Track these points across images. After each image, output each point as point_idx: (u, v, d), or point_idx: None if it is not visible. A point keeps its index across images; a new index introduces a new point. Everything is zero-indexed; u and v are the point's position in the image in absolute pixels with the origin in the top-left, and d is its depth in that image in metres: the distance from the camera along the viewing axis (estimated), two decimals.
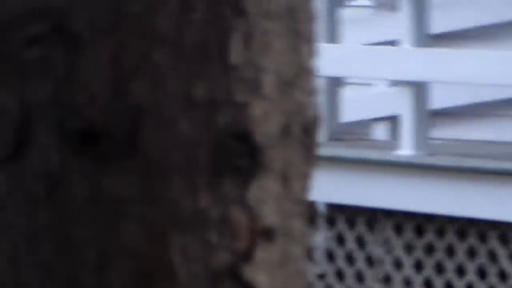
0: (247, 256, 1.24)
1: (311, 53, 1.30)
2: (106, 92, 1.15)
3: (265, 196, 1.23)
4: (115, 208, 1.17)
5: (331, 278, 7.00)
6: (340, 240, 7.01)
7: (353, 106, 7.08)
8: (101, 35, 1.15)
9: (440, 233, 6.80)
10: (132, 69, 1.15)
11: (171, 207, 1.17)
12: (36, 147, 1.16)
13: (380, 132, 7.63)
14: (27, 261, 1.18)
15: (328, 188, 5.61)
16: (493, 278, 6.57)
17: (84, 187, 1.16)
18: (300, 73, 1.27)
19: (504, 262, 6.48)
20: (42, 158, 1.16)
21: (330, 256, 6.94)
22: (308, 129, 1.29)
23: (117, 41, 1.15)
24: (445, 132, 7.30)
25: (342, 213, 6.69)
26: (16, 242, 1.18)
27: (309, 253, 1.38)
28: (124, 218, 1.16)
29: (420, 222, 6.71)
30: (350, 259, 7.12)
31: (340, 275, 7.04)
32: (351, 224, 6.93)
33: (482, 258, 6.59)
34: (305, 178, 1.32)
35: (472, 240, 6.67)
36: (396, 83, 6.98)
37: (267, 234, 1.24)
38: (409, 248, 6.99)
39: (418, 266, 6.88)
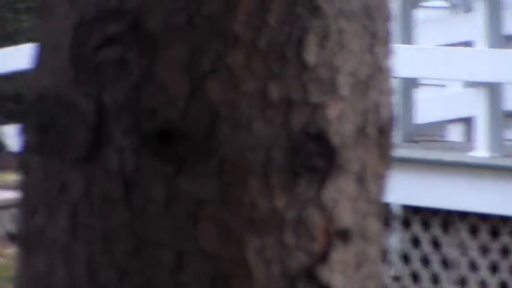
0: (323, 257, 1.21)
1: (386, 53, 1.27)
2: (182, 93, 1.14)
3: (340, 196, 1.21)
4: (192, 209, 1.15)
5: (407, 280, 6.90)
6: (415, 242, 6.90)
7: (427, 108, 6.91)
8: (177, 35, 1.14)
9: None
10: (208, 70, 1.14)
11: (247, 209, 1.16)
12: (112, 148, 1.15)
13: (454, 133, 7.47)
14: (102, 261, 1.17)
15: (403, 190, 5.43)
16: None
17: (160, 188, 1.15)
18: (375, 74, 1.24)
19: None
20: (118, 159, 1.16)
21: (406, 258, 6.82)
22: (384, 130, 1.26)
23: (192, 41, 1.14)
24: None
25: (417, 215, 6.58)
26: (91, 242, 1.17)
27: (383, 255, 1.34)
28: (200, 220, 1.15)
29: (495, 224, 6.55)
30: (425, 261, 7.01)
31: (415, 277, 6.94)
32: (426, 226, 6.81)
33: None
34: (380, 178, 1.28)
35: None
36: (470, 84, 6.79)
37: (343, 235, 1.21)
38: (484, 250, 6.84)
39: (494, 268, 6.72)
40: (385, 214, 1.32)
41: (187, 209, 1.16)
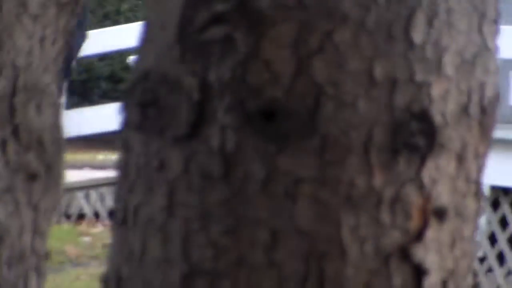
0: (418, 236, 1.22)
1: (494, 33, 1.26)
2: (287, 72, 1.14)
3: (439, 175, 1.21)
4: (290, 188, 1.16)
5: (492, 261, 6.87)
6: (503, 223, 6.86)
7: None
8: (285, 14, 1.15)
9: None
10: (315, 48, 1.14)
11: (346, 187, 1.16)
12: (214, 126, 1.16)
13: None
14: (198, 239, 1.18)
15: (493, 170, 5.44)
16: None
17: (260, 166, 1.16)
18: (482, 53, 1.23)
19: None
20: (220, 137, 1.16)
21: (492, 239, 6.81)
22: (487, 109, 1.26)
23: (301, 20, 1.15)
24: None
25: (506, 196, 6.54)
26: (187, 220, 1.18)
27: (476, 234, 1.35)
28: (298, 198, 1.16)
29: None
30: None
31: (501, 258, 6.91)
32: None
33: None
34: (480, 158, 1.28)
35: None
36: None
37: (440, 214, 1.21)
38: None
39: None
40: (482, 194, 1.33)
41: (285, 187, 1.16)
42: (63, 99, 1.53)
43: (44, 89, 1.67)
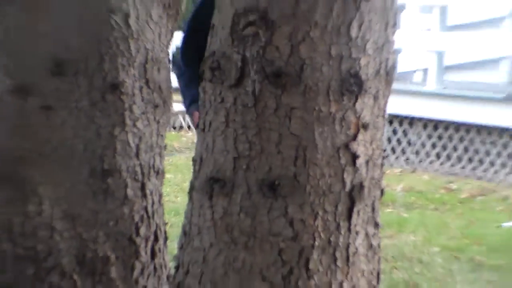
0: (354, 138, 2.11)
1: (393, 32, 2.15)
2: (286, 52, 1.96)
3: (365, 106, 2.11)
4: (288, 112, 1.98)
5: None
6: (394, 131, 8.14)
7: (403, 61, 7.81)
8: (285, 21, 1.99)
9: None
10: (300, 40, 1.98)
11: (316, 112, 2.04)
12: (248, 80, 2.03)
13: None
14: (241, 138, 1.96)
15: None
16: None
17: (272, 101, 2.00)
18: (386, 43, 2.13)
19: None
20: (252, 85, 2.03)
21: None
22: (389, 72, 2.15)
23: (293, 25, 1.96)
24: None
25: (396, 118, 8.02)
26: (236, 129, 1.99)
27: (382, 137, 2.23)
28: (292, 118, 1.97)
29: None
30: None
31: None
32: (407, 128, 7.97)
33: None
34: (386, 97, 2.17)
35: None
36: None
37: (365, 126, 2.10)
38: None
39: None
40: (385, 116, 2.18)
41: (285, 112, 2.03)
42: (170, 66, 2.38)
43: (161, 60, 2.61)
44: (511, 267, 4.46)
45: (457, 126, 7.57)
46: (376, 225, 2.16)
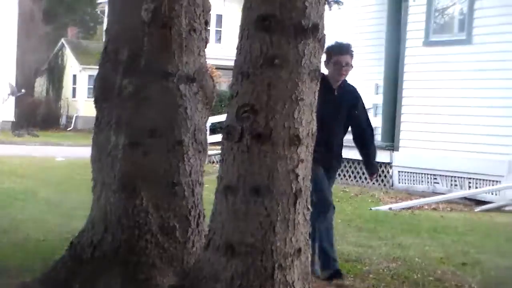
0: (297, 166, 3.45)
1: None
2: (263, 124, 3.84)
3: (302, 151, 3.55)
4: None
5: None
6: None
7: None
8: (263, 110, 3.82)
9: None
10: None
11: (278, 154, 3.47)
12: (244, 139, 3.46)
13: None
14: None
15: None
16: None
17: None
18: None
19: None
20: (246, 142, 3.49)
21: None
22: (314, 133, 4.02)
23: (266, 112, 3.86)
24: None
25: None
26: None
27: None
28: (263, 158, 3.55)
29: None
30: None
31: None
32: None
33: None
34: (312, 146, 3.74)
35: None
36: None
37: (301, 160, 3.57)
38: None
39: None
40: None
41: (263, 154, 3.49)
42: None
43: (201, 129, 4.14)
44: (375, 228, 7.86)
45: (348, 159, 11.63)
46: (308, 209, 3.50)
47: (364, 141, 5.96)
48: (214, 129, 14.51)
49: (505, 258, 6.12)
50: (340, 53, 5.73)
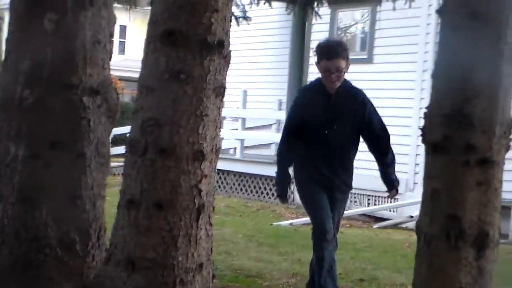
0: (200, 181, 3.53)
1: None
2: (167, 139, 3.86)
3: (205, 166, 3.68)
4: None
5: None
6: None
7: None
8: (167, 125, 3.77)
9: None
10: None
11: (182, 168, 3.50)
12: (149, 153, 3.60)
13: None
14: None
15: None
16: None
17: (160, 165, 3.65)
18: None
19: None
20: (150, 156, 3.48)
21: None
22: (218, 149, 4.09)
23: (170, 127, 3.92)
24: None
25: None
26: None
27: None
28: (166, 172, 3.68)
29: None
30: None
31: None
32: None
33: None
34: (215, 162, 3.77)
35: None
36: None
37: (205, 176, 3.64)
38: None
39: None
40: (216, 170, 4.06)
41: (167, 168, 3.54)
42: None
43: (105, 141, 4.21)
44: (276, 244, 8.06)
45: (250, 175, 13.68)
46: (210, 224, 3.52)
47: (380, 150, 5.11)
48: (115, 141, 14.43)
49: (401, 274, 6.35)
50: (327, 57, 4.94)
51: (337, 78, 4.90)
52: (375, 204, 11.36)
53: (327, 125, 4.91)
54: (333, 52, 4.88)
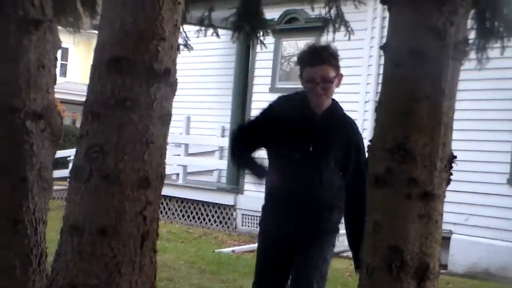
0: (145, 208, 3.51)
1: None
2: (112, 165, 3.90)
3: (150, 193, 3.77)
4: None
5: None
6: None
7: None
8: (112, 151, 3.82)
9: None
10: None
11: (126, 195, 3.50)
12: (92, 179, 3.53)
13: None
14: None
15: None
16: None
17: (104, 190, 3.76)
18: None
19: None
20: (94, 182, 3.48)
21: None
22: (162, 176, 4.09)
23: (116, 153, 3.91)
24: None
25: None
26: None
27: None
28: (110, 198, 3.79)
29: None
30: None
31: None
32: None
33: None
34: (161, 188, 3.77)
35: None
36: None
37: (150, 203, 3.59)
38: None
39: None
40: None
41: (111, 194, 3.54)
42: None
43: (47, 166, 4.32)
44: (217, 271, 8.28)
45: (193, 201, 13.72)
46: (155, 251, 3.51)
47: (355, 198, 3.91)
48: (55, 164, 14.29)
49: None
50: (311, 64, 3.91)
51: (323, 92, 3.91)
52: None
53: (302, 147, 3.90)
54: (316, 57, 3.93)
